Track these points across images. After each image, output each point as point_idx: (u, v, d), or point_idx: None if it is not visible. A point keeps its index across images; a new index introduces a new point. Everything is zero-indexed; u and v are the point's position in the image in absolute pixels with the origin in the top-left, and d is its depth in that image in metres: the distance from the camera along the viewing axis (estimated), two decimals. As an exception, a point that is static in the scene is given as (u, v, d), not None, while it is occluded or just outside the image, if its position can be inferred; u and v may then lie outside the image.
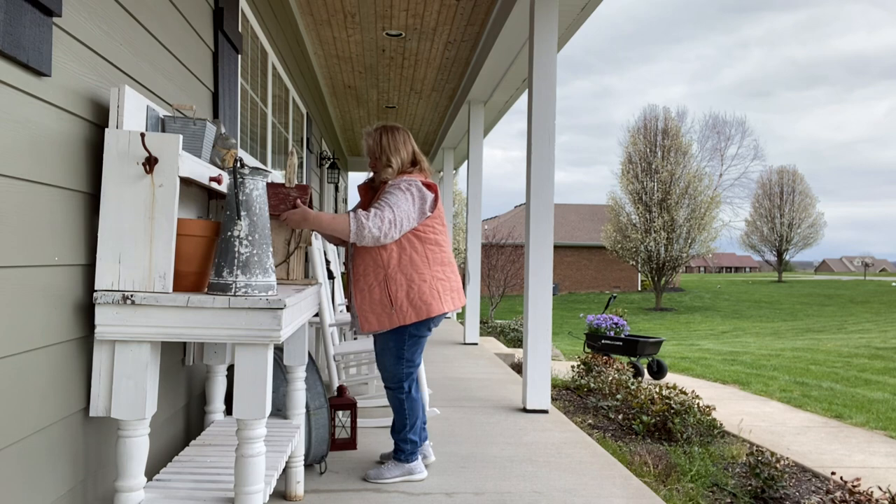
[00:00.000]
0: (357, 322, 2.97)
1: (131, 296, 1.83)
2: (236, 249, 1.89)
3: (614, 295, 10.82)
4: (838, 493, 3.69)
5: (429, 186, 2.95)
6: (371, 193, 3.07)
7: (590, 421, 5.96)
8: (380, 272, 2.90)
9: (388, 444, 3.69)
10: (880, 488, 3.85)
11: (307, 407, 2.98)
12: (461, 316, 16.49)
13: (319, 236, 4.36)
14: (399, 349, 2.98)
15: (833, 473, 4.38)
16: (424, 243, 2.93)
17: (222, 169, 2.36)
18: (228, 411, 2.96)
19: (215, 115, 3.17)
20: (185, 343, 2.70)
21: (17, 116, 1.55)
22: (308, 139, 7.32)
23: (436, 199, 2.97)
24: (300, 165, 7.00)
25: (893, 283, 40.84)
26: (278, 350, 2.99)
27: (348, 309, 3.11)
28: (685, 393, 5.76)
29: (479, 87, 7.39)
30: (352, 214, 2.77)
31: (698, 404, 5.63)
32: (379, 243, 2.81)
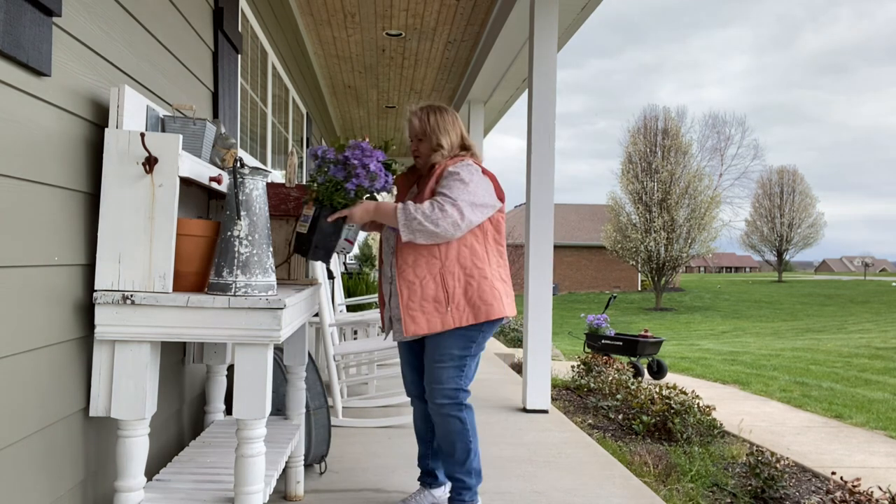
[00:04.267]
0: (398, 324, 2.55)
1: (131, 296, 1.83)
2: (236, 249, 1.89)
3: (614, 295, 10.81)
4: (838, 493, 3.69)
5: (487, 173, 2.57)
6: (411, 181, 2.70)
7: (590, 421, 5.96)
8: (434, 263, 2.47)
9: (388, 444, 3.68)
10: (880, 488, 3.85)
11: (307, 407, 2.98)
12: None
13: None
14: (463, 356, 2.51)
15: (833, 473, 4.38)
16: (487, 235, 2.54)
17: (222, 169, 2.36)
18: (228, 411, 2.96)
19: (215, 115, 3.17)
20: (185, 343, 2.70)
21: (17, 116, 1.55)
22: (308, 139, 7.32)
23: (499, 190, 2.58)
24: (300, 165, 7.00)
25: (893, 283, 40.85)
26: (278, 350, 2.99)
27: (382, 311, 2.67)
28: (685, 393, 5.75)
29: (479, 87, 7.39)
30: (400, 205, 2.39)
31: (698, 404, 5.63)
32: (436, 239, 2.40)
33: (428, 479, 2.77)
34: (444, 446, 2.55)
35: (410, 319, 2.46)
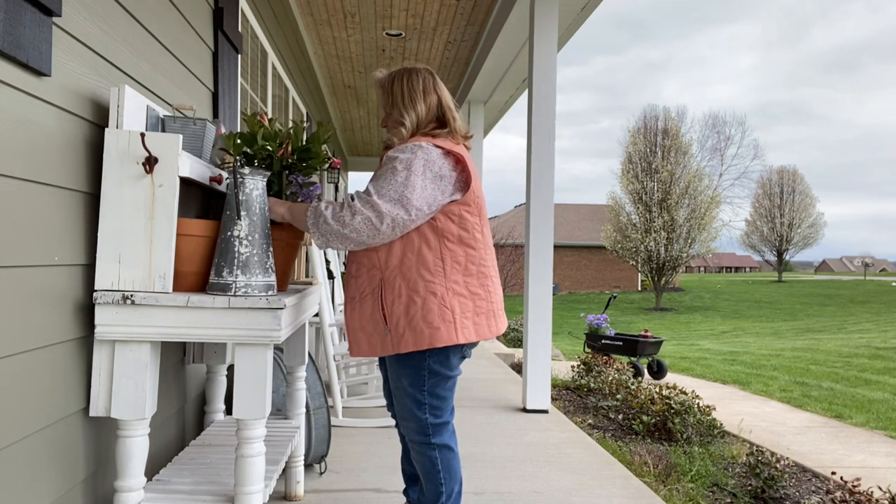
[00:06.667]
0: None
1: (131, 296, 1.83)
2: (236, 249, 1.89)
3: (614, 295, 10.81)
4: (838, 493, 3.69)
5: (453, 156, 2.08)
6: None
7: (590, 421, 5.96)
8: (375, 274, 2.08)
9: (388, 444, 3.68)
10: (880, 488, 3.85)
11: (307, 407, 2.98)
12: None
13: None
14: (417, 388, 2.11)
15: (833, 473, 4.38)
16: (442, 238, 2.06)
17: (222, 169, 2.36)
18: (228, 411, 2.96)
19: (215, 115, 3.17)
20: (185, 343, 2.70)
21: (17, 116, 1.55)
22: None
23: (466, 176, 2.09)
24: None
25: (893, 283, 40.85)
26: (278, 350, 2.99)
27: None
28: (685, 393, 5.75)
29: (479, 87, 7.39)
30: (312, 205, 2.06)
31: (698, 404, 5.63)
32: (356, 247, 2.04)
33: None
34: (421, 478, 2.23)
35: (353, 340, 2.13)
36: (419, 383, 2.10)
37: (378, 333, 2.08)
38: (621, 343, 8.92)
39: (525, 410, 4.55)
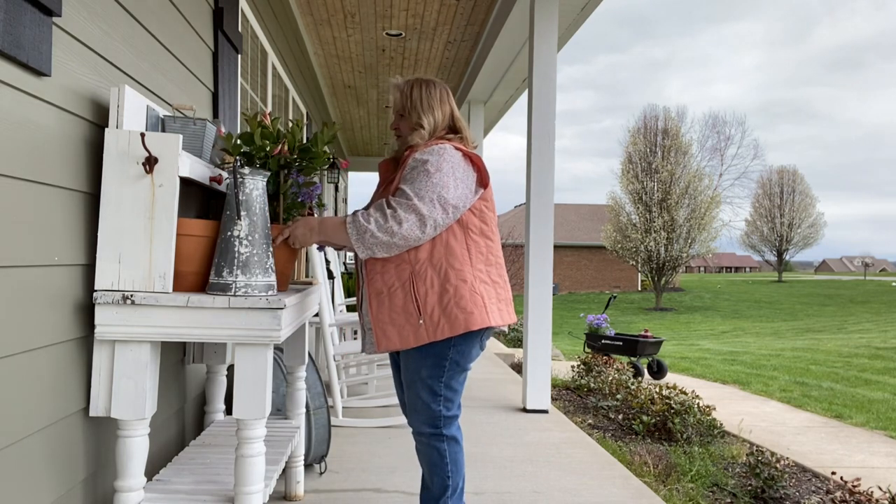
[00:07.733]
0: (370, 335, 2.25)
1: (131, 296, 1.83)
2: (236, 249, 1.89)
3: (614, 295, 10.81)
4: (838, 493, 3.69)
5: (470, 157, 2.21)
6: (392, 168, 2.33)
7: (590, 421, 5.96)
8: (404, 269, 2.14)
9: (388, 444, 3.68)
10: (880, 488, 3.85)
11: (307, 407, 2.98)
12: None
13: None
14: (435, 379, 2.17)
15: (833, 473, 4.38)
16: (467, 230, 2.18)
17: (222, 169, 2.36)
18: (228, 411, 2.96)
19: (215, 115, 3.17)
20: (185, 343, 2.70)
21: (17, 116, 1.55)
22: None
23: (483, 175, 2.22)
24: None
25: (893, 283, 40.85)
26: (278, 350, 2.99)
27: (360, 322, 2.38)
28: (685, 393, 5.75)
29: (479, 87, 7.39)
30: (349, 218, 2.11)
31: (698, 404, 5.63)
32: (399, 250, 2.10)
33: None
34: (424, 474, 2.29)
35: (382, 333, 2.16)
36: (438, 374, 2.17)
37: (410, 324, 2.13)
38: (621, 343, 8.92)
39: (525, 410, 4.55)
